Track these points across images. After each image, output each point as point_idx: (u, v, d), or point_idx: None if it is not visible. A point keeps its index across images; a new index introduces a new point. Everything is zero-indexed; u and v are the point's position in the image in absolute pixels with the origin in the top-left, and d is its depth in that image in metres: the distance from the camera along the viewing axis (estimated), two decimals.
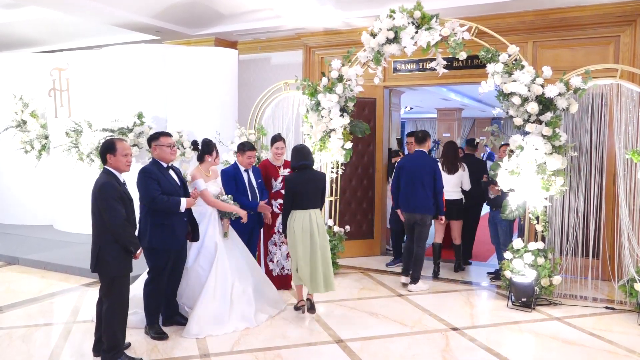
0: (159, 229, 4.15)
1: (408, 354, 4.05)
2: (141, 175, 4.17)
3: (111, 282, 3.69)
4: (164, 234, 4.17)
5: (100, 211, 3.59)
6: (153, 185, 4.12)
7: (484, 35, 5.45)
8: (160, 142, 4.25)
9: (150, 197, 4.11)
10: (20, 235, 7.92)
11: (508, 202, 5.34)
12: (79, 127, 7.43)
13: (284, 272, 5.63)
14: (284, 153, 5.63)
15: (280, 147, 5.58)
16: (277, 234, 5.57)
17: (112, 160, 3.68)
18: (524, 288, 5.07)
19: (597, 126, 5.37)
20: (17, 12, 8.19)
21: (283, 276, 5.61)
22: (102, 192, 3.57)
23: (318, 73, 7.85)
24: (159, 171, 4.22)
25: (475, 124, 22.08)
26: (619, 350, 4.16)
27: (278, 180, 5.55)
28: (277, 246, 5.58)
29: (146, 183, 4.13)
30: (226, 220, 4.71)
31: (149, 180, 4.13)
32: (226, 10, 7.50)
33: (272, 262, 5.57)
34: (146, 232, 4.17)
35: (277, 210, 5.54)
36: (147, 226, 4.17)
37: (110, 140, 3.77)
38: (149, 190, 4.11)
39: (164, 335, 4.26)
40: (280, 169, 5.61)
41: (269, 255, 5.56)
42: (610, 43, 6.19)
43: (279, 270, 5.60)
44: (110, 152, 3.68)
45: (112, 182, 3.62)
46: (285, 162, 5.67)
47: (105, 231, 3.62)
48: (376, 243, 7.41)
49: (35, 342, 4.22)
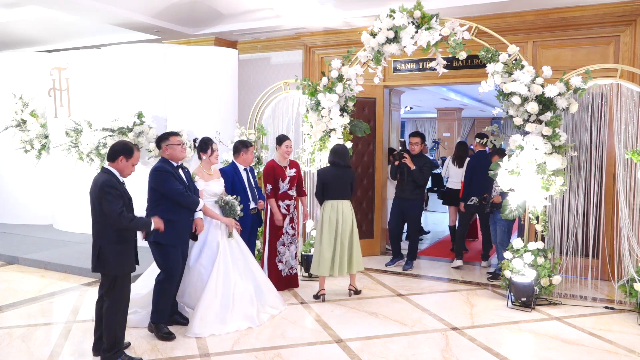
0: (166, 224, 4.15)
1: (408, 354, 4.05)
2: (158, 173, 4.21)
3: (113, 281, 3.70)
4: (171, 229, 4.17)
5: (100, 209, 3.60)
6: (174, 182, 4.19)
7: (484, 35, 5.45)
8: (170, 141, 4.30)
9: (178, 191, 4.18)
10: (20, 235, 7.93)
11: (508, 202, 5.34)
12: (78, 127, 7.43)
13: (292, 271, 5.67)
14: (291, 152, 5.65)
15: (290, 145, 5.60)
16: (286, 235, 5.58)
17: (122, 164, 3.71)
18: (523, 288, 5.08)
19: (597, 126, 5.37)
20: (17, 11, 8.19)
21: (292, 276, 5.67)
22: (104, 189, 3.58)
23: (318, 73, 7.85)
24: (172, 169, 4.27)
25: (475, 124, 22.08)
26: (619, 350, 4.16)
27: (285, 182, 5.54)
28: (286, 246, 5.60)
29: (168, 180, 4.18)
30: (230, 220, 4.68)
31: (168, 175, 4.19)
32: (226, 10, 7.50)
33: (281, 263, 5.58)
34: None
35: (284, 211, 5.55)
36: None
37: (130, 144, 3.80)
38: (173, 185, 4.18)
39: (171, 335, 4.25)
40: (287, 169, 5.60)
41: (278, 256, 5.56)
42: (610, 43, 6.19)
43: (287, 270, 5.62)
44: (126, 155, 3.71)
45: (112, 180, 3.65)
46: (291, 162, 5.68)
47: (106, 230, 3.62)
48: (376, 243, 7.41)
49: (35, 341, 4.22)
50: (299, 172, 5.77)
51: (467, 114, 20.04)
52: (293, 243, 5.67)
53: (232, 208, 4.66)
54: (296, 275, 5.74)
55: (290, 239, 5.64)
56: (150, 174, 4.27)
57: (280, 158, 5.59)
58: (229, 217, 4.66)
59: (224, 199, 4.68)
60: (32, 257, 6.55)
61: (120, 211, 3.57)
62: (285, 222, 5.55)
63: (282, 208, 5.54)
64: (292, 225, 5.66)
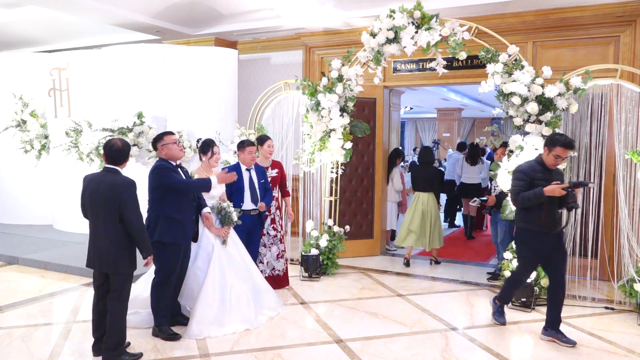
0: (170, 223, 4.15)
1: (408, 354, 4.05)
2: (158, 171, 4.19)
3: (124, 281, 3.72)
4: (175, 228, 4.18)
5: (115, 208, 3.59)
6: (177, 175, 4.21)
7: (484, 35, 5.45)
8: (165, 141, 4.27)
9: (184, 182, 4.21)
10: (20, 235, 7.93)
11: (508, 202, 5.34)
12: (78, 127, 7.42)
13: (274, 272, 5.60)
14: (273, 152, 5.62)
15: (272, 145, 5.56)
16: (267, 236, 5.55)
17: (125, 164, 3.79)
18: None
19: (597, 126, 5.37)
20: (17, 11, 8.20)
21: (274, 276, 5.58)
22: (131, 191, 3.62)
23: (318, 73, 7.85)
24: (172, 167, 4.27)
25: (475, 124, 22.08)
26: (619, 350, 4.16)
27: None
28: (267, 247, 5.56)
29: (170, 174, 4.17)
30: (227, 228, 4.63)
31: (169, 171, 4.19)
32: (226, 10, 7.51)
33: (261, 264, 5.52)
34: (156, 226, 4.15)
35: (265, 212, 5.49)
36: (158, 220, 4.16)
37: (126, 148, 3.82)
38: (177, 178, 4.19)
39: (176, 336, 4.25)
40: (269, 169, 5.56)
41: (259, 257, 5.51)
42: (610, 43, 6.19)
43: (269, 271, 5.57)
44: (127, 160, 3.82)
45: (134, 182, 3.69)
46: (274, 162, 5.65)
47: (120, 230, 3.63)
48: (376, 243, 7.41)
49: (35, 341, 4.22)
50: (282, 173, 5.72)
51: (467, 114, 20.04)
52: (275, 244, 5.59)
53: (227, 215, 4.59)
54: (281, 277, 5.63)
55: (272, 240, 5.57)
56: (150, 173, 4.24)
57: (262, 158, 5.55)
58: (225, 223, 4.61)
59: (220, 205, 4.62)
60: (32, 257, 6.55)
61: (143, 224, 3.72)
62: (266, 223, 5.51)
63: None
64: (274, 226, 5.59)
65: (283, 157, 6.73)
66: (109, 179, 3.67)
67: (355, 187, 7.20)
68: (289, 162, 6.70)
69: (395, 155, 7.73)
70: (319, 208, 6.62)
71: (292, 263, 6.41)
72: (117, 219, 3.62)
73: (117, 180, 3.66)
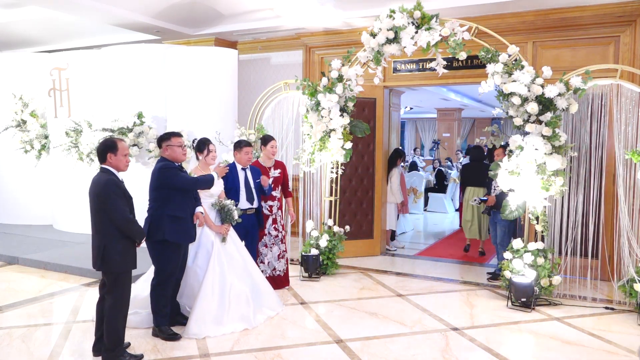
0: (175, 222, 4.15)
1: (408, 354, 4.05)
2: (164, 170, 4.18)
3: (116, 279, 3.71)
4: (180, 227, 4.18)
5: (103, 209, 3.60)
6: (183, 175, 4.20)
7: (484, 35, 5.45)
8: (171, 142, 4.26)
9: (191, 180, 4.22)
10: (20, 235, 7.93)
11: (508, 202, 5.35)
12: (78, 127, 7.43)
13: (275, 272, 5.61)
14: (277, 152, 5.62)
15: (275, 145, 5.59)
16: (268, 236, 5.56)
17: (112, 160, 3.69)
18: (523, 288, 5.08)
19: (597, 126, 5.37)
20: (17, 11, 8.20)
21: (275, 277, 5.59)
22: (106, 190, 3.59)
23: (318, 73, 7.86)
24: (176, 166, 4.27)
25: (475, 124, 22.08)
26: (619, 351, 4.16)
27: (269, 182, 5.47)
28: (268, 247, 5.57)
29: (177, 174, 4.17)
30: (227, 225, 4.63)
31: (175, 170, 4.19)
32: (226, 10, 7.51)
33: (262, 264, 5.53)
34: (160, 225, 4.13)
35: (267, 212, 5.52)
36: (163, 219, 4.14)
37: (111, 139, 3.78)
38: (184, 177, 4.19)
39: (176, 336, 4.24)
40: (271, 170, 5.57)
41: (260, 257, 5.52)
42: (610, 43, 6.20)
43: (270, 271, 5.58)
44: (111, 151, 3.68)
45: (114, 179, 3.65)
46: (276, 162, 5.66)
47: (109, 228, 3.62)
48: (376, 243, 7.41)
49: (35, 341, 4.22)
50: (285, 173, 5.73)
51: (467, 114, 20.04)
52: (276, 244, 5.60)
53: (229, 213, 4.60)
54: (281, 277, 5.65)
55: (273, 240, 5.58)
56: (154, 173, 4.23)
57: (265, 158, 5.57)
58: (225, 221, 4.63)
59: (221, 203, 4.63)
60: (32, 257, 6.55)
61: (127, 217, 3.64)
62: (267, 223, 5.53)
63: (265, 209, 5.51)
64: (275, 226, 5.60)
65: (283, 157, 6.73)
66: (94, 178, 3.71)
67: (355, 187, 7.20)
68: (289, 162, 6.69)
69: (396, 156, 7.73)
70: (319, 208, 6.62)
71: (292, 263, 6.41)
72: (104, 217, 3.62)
73: (99, 179, 3.67)
